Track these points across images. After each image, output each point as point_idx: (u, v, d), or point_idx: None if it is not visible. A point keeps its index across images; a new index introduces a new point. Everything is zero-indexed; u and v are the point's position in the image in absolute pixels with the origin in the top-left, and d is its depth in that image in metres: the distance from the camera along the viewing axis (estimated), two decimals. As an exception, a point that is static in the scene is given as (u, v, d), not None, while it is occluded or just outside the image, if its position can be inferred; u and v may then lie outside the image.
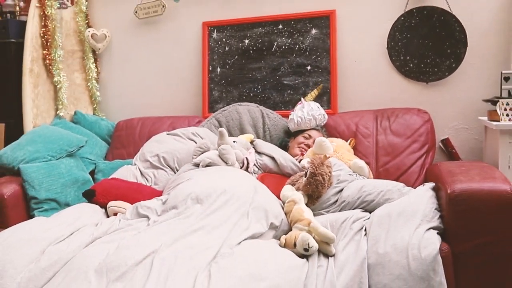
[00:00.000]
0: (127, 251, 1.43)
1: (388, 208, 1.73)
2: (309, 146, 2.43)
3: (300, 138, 2.51)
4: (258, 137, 2.69)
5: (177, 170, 2.42)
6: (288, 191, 1.92)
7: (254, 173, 2.26)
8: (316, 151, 2.27)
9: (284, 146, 2.58)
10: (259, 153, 2.39)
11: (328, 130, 2.63)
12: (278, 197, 1.95)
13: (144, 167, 2.46)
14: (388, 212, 1.69)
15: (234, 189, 1.77)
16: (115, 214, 1.93)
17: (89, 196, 2.07)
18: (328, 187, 1.92)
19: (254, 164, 2.30)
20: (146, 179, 2.42)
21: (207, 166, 2.12)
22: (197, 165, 2.16)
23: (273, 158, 2.32)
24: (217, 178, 1.88)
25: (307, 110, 2.53)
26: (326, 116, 2.61)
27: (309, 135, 2.51)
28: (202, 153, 2.19)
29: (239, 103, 2.80)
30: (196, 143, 2.52)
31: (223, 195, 1.73)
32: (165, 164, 2.45)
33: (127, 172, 2.44)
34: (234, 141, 2.33)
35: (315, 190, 1.86)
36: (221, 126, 2.74)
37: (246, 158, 2.24)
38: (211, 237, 1.55)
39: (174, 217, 1.66)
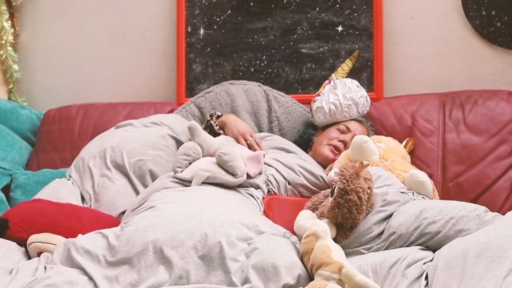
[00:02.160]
0: None
1: (462, 244, 1.69)
2: (346, 145, 2.42)
3: (332, 132, 2.50)
4: (260, 130, 2.69)
5: (127, 169, 2.42)
6: (306, 219, 1.89)
7: (257, 198, 2.20)
8: (352, 157, 2.24)
9: (306, 142, 2.57)
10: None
11: (370, 124, 2.63)
12: (292, 231, 1.91)
13: (84, 179, 2.46)
14: (463, 250, 1.65)
15: (222, 231, 1.72)
16: (40, 255, 1.88)
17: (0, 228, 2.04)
18: (368, 211, 1.89)
19: (268, 181, 2.25)
20: (83, 197, 2.41)
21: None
22: (178, 179, 2.12)
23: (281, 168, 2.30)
24: (195, 212, 1.83)
25: (343, 92, 2.51)
26: (369, 100, 2.60)
27: (347, 128, 2.50)
28: (191, 162, 2.15)
29: (231, 81, 2.80)
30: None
31: (203, 246, 1.68)
32: (111, 165, 2.45)
33: (61, 188, 2.41)
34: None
35: (347, 216, 1.83)
36: (203, 115, 2.73)
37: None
38: None
39: None
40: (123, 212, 2.23)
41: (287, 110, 2.70)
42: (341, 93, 2.50)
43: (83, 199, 2.42)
